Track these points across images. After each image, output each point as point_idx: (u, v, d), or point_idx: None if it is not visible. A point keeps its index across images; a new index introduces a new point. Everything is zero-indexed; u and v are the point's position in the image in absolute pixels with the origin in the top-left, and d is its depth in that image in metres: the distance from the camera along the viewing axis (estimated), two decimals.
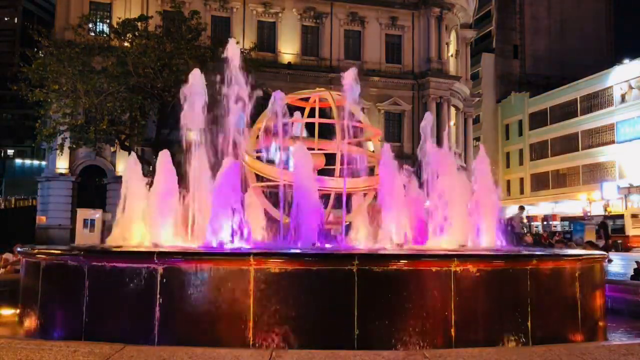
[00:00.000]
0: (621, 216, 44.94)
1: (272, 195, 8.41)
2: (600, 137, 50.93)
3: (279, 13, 41.27)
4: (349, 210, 8.49)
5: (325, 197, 8.53)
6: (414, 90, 43.09)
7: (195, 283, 4.63)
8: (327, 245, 7.04)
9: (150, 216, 7.01)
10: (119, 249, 6.24)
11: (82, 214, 33.41)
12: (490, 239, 7.39)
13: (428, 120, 8.95)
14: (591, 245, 15.43)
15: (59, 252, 5.72)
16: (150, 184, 7.24)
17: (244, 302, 4.52)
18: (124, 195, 7.25)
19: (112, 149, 32.95)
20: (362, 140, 9.71)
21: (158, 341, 4.52)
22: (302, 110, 9.31)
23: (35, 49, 30.05)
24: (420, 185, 8.38)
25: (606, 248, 16.84)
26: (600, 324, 5.83)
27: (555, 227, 48.57)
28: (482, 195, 7.59)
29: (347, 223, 8.52)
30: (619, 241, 39.47)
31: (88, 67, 26.97)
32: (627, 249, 39.24)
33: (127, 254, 5.46)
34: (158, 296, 4.61)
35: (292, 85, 33.76)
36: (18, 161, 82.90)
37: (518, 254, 6.01)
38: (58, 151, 28.23)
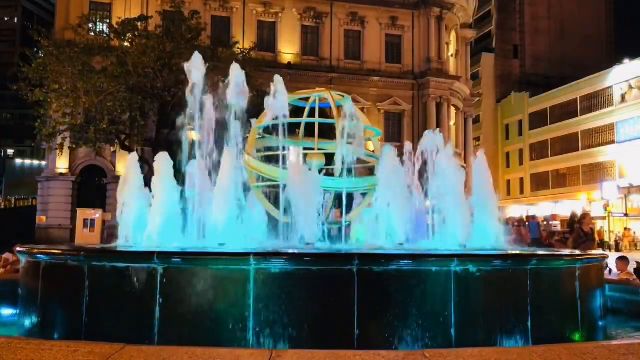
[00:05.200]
0: None
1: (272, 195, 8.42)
2: (600, 137, 50.92)
3: (279, 13, 41.27)
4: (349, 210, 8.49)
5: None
6: (414, 90, 43.10)
7: (195, 283, 4.64)
8: (323, 245, 7.04)
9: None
10: (119, 249, 6.25)
11: (82, 214, 33.45)
12: (490, 239, 7.39)
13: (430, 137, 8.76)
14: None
15: (59, 252, 5.72)
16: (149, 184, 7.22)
17: (244, 302, 4.52)
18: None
19: (112, 149, 32.97)
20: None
21: (158, 341, 4.53)
22: (301, 109, 9.31)
23: (35, 49, 30.07)
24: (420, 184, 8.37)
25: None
26: (600, 324, 5.83)
27: (555, 227, 48.53)
28: (480, 196, 7.59)
29: (347, 223, 8.52)
30: None
31: (88, 67, 26.97)
32: None
33: (127, 254, 5.46)
34: (158, 296, 4.62)
35: (292, 85, 33.71)
36: (18, 161, 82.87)
37: (518, 254, 6.01)
38: (58, 151, 28.24)
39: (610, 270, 10.85)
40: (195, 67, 7.68)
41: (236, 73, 7.72)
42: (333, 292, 4.65)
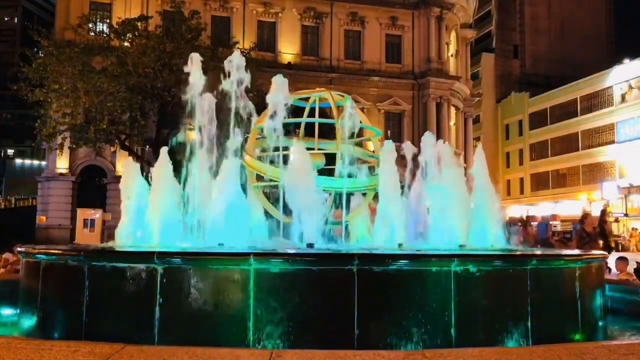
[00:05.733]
0: None
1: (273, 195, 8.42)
2: (600, 137, 50.94)
3: (279, 13, 41.28)
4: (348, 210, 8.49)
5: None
6: (414, 90, 43.11)
7: (195, 283, 4.63)
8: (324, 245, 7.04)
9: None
10: (119, 249, 6.24)
11: (82, 214, 33.50)
12: (489, 239, 7.39)
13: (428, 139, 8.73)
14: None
15: (59, 252, 5.71)
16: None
17: (244, 302, 4.52)
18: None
19: (112, 149, 32.99)
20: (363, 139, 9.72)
21: (158, 341, 4.52)
22: (301, 109, 9.31)
23: (35, 49, 30.07)
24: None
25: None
26: (600, 324, 5.83)
27: (555, 227, 48.57)
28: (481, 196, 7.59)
29: (347, 223, 8.52)
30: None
31: (88, 67, 26.98)
32: None
33: (127, 254, 5.46)
34: (158, 296, 4.61)
35: (292, 85, 33.69)
36: (18, 161, 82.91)
37: (518, 254, 6.01)
38: (58, 151, 28.25)
39: (610, 270, 10.86)
40: (195, 68, 7.68)
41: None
42: (333, 292, 4.65)
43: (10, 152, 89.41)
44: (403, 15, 43.44)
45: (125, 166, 7.84)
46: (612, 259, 10.73)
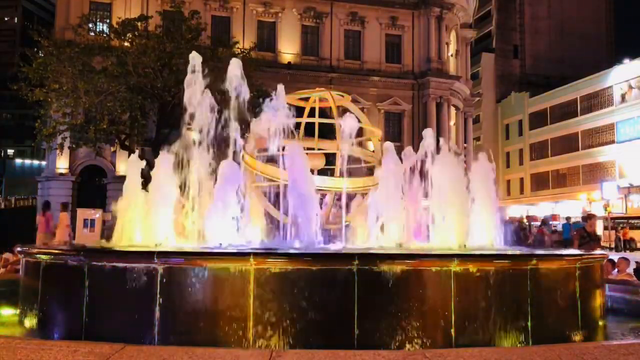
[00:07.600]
0: None
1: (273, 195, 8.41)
2: (600, 137, 50.93)
3: (279, 13, 41.28)
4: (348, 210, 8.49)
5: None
6: (414, 90, 43.10)
7: (195, 283, 4.63)
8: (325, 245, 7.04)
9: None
10: (119, 249, 6.24)
11: (82, 213, 33.43)
12: (489, 239, 7.39)
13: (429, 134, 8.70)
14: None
15: (59, 252, 5.71)
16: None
17: (244, 302, 4.52)
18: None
19: (112, 149, 32.94)
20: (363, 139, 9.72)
21: (158, 341, 4.53)
22: (302, 110, 9.31)
23: (35, 49, 30.06)
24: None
25: None
26: (600, 323, 5.83)
27: (555, 227, 48.53)
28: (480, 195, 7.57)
29: (347, 223, 8.52)
30: None
31: (88, 67, 26.94)
32: None
33: (127, 254, 5.46)
34: (158, 296, 4.61)
35: (292, 85, 33.74)
36: (18, 161, 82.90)
37: (518, 254, 6.01)
38: (58, 151, 28.22)
39: (618, 270, 10.86)
40: (194, 68, 7.67)
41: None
42: (333, 292, 4.65)
43: (10, 152, 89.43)
44: (403, 15, 43.43)
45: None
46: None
